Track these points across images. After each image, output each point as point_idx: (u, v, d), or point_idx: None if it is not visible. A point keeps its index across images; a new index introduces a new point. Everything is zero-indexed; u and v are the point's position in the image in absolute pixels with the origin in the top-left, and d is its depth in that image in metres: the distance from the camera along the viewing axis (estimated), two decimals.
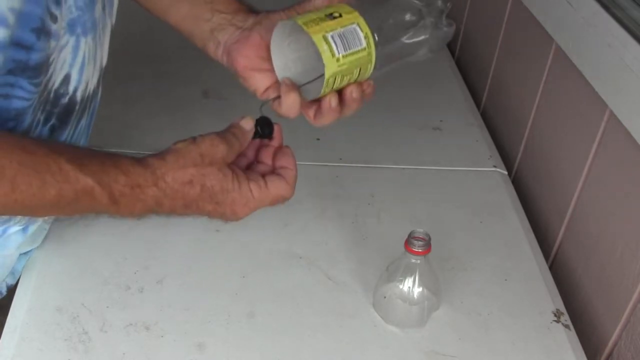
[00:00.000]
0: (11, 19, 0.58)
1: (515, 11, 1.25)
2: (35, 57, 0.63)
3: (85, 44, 0.70)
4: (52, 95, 0.70)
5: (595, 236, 0.95)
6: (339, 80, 0.67)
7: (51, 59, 0.66)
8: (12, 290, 0.88)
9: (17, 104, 0.65)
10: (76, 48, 0.69)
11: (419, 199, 1.07)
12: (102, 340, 0.80)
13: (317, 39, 0.64)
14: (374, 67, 0.68)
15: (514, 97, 1.26)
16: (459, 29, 1.56)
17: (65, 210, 0.64)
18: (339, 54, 0.65)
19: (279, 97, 0.69)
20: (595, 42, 0.92)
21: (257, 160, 0.73)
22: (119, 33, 0.81)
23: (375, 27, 0.67)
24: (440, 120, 1.27)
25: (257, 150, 0.74)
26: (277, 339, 0.83)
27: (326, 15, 0.65)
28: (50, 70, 0.67)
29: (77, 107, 0.74)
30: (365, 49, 0.66)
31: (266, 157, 0.73)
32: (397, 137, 1.22)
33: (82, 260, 0.91)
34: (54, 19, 0.63)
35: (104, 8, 0.73)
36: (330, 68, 0.65)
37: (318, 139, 1.19)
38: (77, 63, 0.71)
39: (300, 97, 0.68)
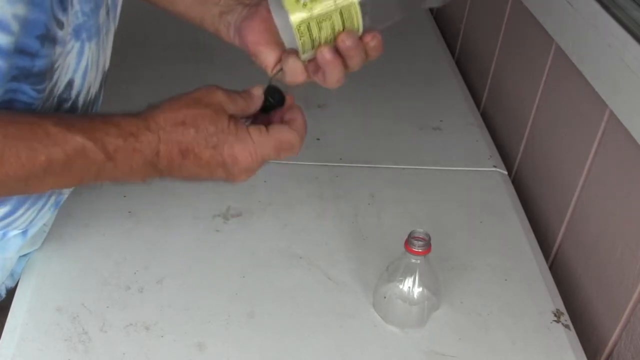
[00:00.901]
0: (15, 26, 0.58)
1: (515, 11, 1.25)
2: (39, 64, 0.63)
3: (89, 49, 0.70)
4: (55, 100, 0.70)
5: (595, 236, 0.95)
6: (317, 28, 0.63)
7: (56, 65, 0.66)
8: (11, 291, 0.88)
9: (19, 106, 0.65)
10: (80, 53, 0.69)
11: (419, 199, 1.07)
12: (102, 340, 0.80)
13: None
14: (364, 13, 0.63)
15: (514, 97, 1.26)
16: (458, 29, 1.57)
17: (61, 178, 0.62)
18: None
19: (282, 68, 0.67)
20: (595, 42, 0.92)
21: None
22: (118, 34, 0.81)
23: None
24: (440, 120, 1.27)
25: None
26: (277, 339, 0.83)
27: None
28: (55, 76, 0.67)
29: (77, 112, 0.74)
30: None
31: (275, 118, 0.70)
32: (397, 137, 1.22)
33: (82, 261, 0.91)
34: (60, 25, 0.63)
35: (107, 13, 0.73)
36: (296, 14, 0.61)
37: (318, 139, 1.19)
38: (81, 68, 0.70)
39: (300, 60, 0.65)
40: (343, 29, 0.64)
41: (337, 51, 0.65)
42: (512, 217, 1.05)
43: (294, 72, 0.66)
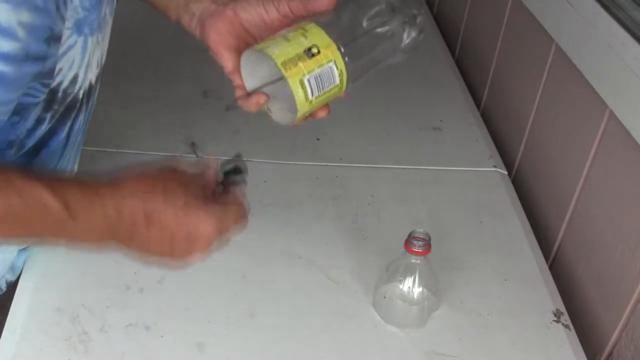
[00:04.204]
0: (21, 32, 0.58)
1: (515, 11, 1.25)
2: (49, 64, 0.64)
3: (91, 43, 0.71)
4: (60, 94, 0.70)
5: (595, 236, 0.95)
6: (309, 113, 0.69)
7: (59, 60, 0.67)
8: (12, 289, 0.88)
9: (24, 99, 0.65)
10: (84, 48, 0.70)
11: (419, 199, 1.07)
12: (102, 340, 0.80)
13: (294, 83, 0.65)
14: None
15: (514, 97, 1.26)
16: (458, 29, 1.57)
17: (17, 229, 0.60)
18: (312, 96, 0.66)
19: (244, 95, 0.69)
20: (595, 42, 0.92)
21: None
22: (118, 33, 0.81)
23: (348, 45, 0.67)
24: (440, 120, 1.27)
25: None
26: (277, 339, 0.83)
27: (305, 51, 0.65)
28: (58, 71, 0.68)
29: (77, 104, 0.75)
30: (337, 85, 0.67)
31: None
32: (397, 137, 1.22)
33: (82, 260, 0.91)
34: (63, 20, 0.64)
35: (106, 7, 0.74)
36: (302, 110, 0.66)
37: (318, 139, 1.19)
38: (84, 63, 0.71)
39: (266, 100, 0.68)
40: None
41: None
42: (512, 217, 1.05)
43: (250, 110, 0.69)
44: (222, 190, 0.70)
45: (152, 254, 0.65)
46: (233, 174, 0.71)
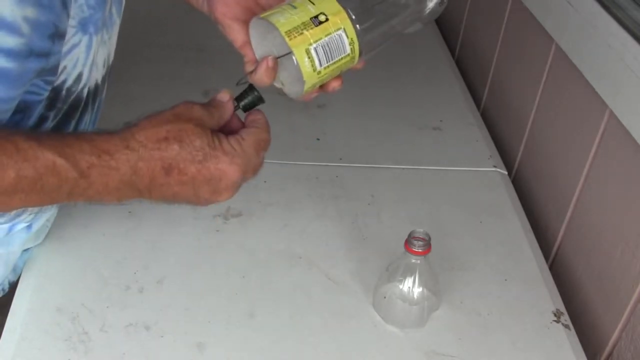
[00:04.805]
0: (25, 28, 0.58)
1: (515, 11, 1.25)
2: (52, 61, 0.64)
3: (96, 42, 0.71)
4: (64, 93, 0.70)
5: (595, 236, 0.95)
6: (319, 84, 0.66)
7: (63, 58, 0.67)
8: (12, 288, 0.88)
9: (27, 97, 0.65)
10: (89, 47, 0.70)
11: (419, 199, 1.07)
12: (102, 340, 0.80)
13: (299, 52, 0.62)
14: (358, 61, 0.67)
15: (514, 97, 1.26)
16: (458, 29, 1.57)
17: (31, 196, 0.59)
18: (320, 66, 0.63)
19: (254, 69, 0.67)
20: (595, 42, 0.92)
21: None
22: (120, 34, 0.81)
23: (361, 12, 0.64)
24: (440, 120, 1.27)
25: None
26: (277, 339, 0.83)
27: (311, 19, 0.62)
28: (65, 69, 0.68)
29: (82, 103, 0.75)
30: (349, 54, 0.64)
31: (234, 123, 0.69)
32: (397, 137, 1.22)
33: (82, 260, 0.91)
34: (68, 17, 0.63)
35: (112, 6, 0.74)
36: (310, 81, 0.64)
37: (318, 139, 1.19)
38: (89, 61, 0.71)
39: (276, 70, 0.65)
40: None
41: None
42: (512, 217, 1.05)
43: (263, 81, 0.66)
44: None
45: (176, 202, 0.64)
46: (250, 105, 0.69)
